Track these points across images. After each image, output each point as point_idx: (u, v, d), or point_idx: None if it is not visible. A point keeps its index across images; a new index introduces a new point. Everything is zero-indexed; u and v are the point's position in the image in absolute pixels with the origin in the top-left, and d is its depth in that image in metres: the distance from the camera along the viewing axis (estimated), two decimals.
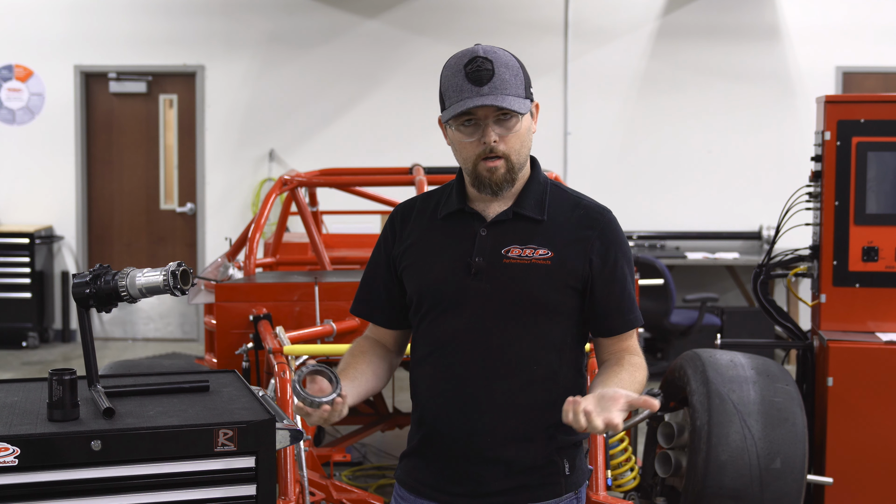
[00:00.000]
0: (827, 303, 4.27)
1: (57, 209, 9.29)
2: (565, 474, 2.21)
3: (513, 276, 2.15)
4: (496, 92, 2.08)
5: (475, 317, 2.15)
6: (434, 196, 2.30)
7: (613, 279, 2.19)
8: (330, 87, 9.18)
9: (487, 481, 2.18)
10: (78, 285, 2.28)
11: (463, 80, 2.10)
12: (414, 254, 2.25)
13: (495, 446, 2.17)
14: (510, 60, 2.13)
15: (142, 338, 9.43)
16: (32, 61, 9.21)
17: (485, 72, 2.09)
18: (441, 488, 2.22)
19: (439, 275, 2.20)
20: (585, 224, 2.20)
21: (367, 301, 2.36)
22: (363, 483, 5.21)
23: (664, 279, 7.20)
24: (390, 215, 2.35)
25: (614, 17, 9.10)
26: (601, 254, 2.18)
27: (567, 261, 2.16)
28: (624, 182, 9.09)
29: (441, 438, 2.21)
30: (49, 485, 2.02)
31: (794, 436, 3.61)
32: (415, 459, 2.27)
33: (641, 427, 4.38)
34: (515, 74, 2.12)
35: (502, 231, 2.19)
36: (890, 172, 4.23)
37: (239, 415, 2.17)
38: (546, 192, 2.23)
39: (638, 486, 3.94)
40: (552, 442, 2.19)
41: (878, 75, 9.07)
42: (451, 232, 2.22)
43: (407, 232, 2.27)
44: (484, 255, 2.17)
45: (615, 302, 2.19)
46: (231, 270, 5.01)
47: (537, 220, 2.19)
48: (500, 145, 2.13)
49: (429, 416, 2.23)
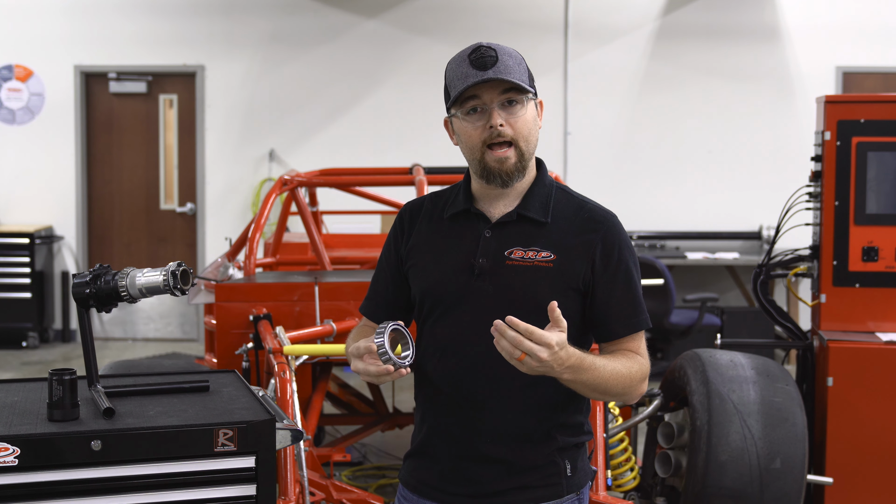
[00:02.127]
0: (827, 303, 4.27)
1: (57, 209, 9.29)
2: (567, 475, 2.21)
3: (515, 277, 2.15)
4: (501, 74, 2.11)
5: (477, 317, 2.15)
6: (442, 196, 2.31)
7: (615, 283, 2.19)
8: (330, 87, 9.18)
9: (488, 481, 2.18)
10: (78, 285, 2.28)
11: (468, 67, 2.13)
12: (419, 253, 2.26)
13: (495, 446, 2.17)
14: (514, 52, 2.17)
15: (142, 338, 9.43)
16: (32, 61, 9.21)
17: (489, 58, 2.12)
18: (442, 488, 2.22)
19: (443, 275, 2.21)
20: (589, 227, 2.20)
21: (373, 300, 2.36)
22: (363, 483, 5.21)
23: (664, 279, 7.20)
24: (399, 213, 2.36)
25: (614, 17, 9.09)
26: (604, 257, 2.18)
27: (569, 264, 2.16)
28: (624, 182, 9.09)
29: (442, 438, 2.22)
30: (49, 485, 2.02)
31: (794, 436, 3.61)
32: (417, 459, 2.28)
33: (641, 427, 4.38)
34: (519, 63, 2.16)
35: (506, 233, 2.19)
36: (890, 172, 4.23)
37: (239, 415, 2.17)
38: (551, 195, 2.24)
39: (638, 486, 3.94)
40: (553, 443, 2.19)
41: (878, 75, 9.07)
42: (456, 232, 2.23)
43: (414, 231, 2.29)
44: (487, 257, 2.18)
45: (617, 306, 2.19)
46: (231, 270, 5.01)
47: (541, 223, 2.19)
48: (507, 129, 2.13)
49: (430, 415, 2.24)
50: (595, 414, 3.54)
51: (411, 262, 2.26)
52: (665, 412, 4.00)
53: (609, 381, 2.10)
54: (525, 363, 1.95)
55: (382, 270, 2.35)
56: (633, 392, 2.18)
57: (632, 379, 2.15)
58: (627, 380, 2.14)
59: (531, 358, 1.94)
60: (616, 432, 3.83)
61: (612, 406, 3.84)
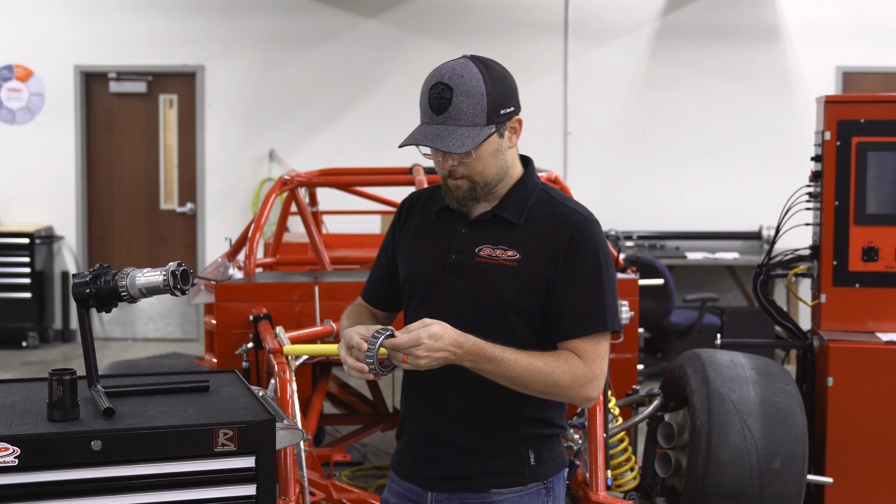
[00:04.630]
0: (827, 303, 4.27)
1: (57, 209, 9.29)
2: (530, 464, 2.28)
3: (482, 274, 2.25)
4: (449, 122, 2.17)
5: (447, 309, 2.24)
6: (439, 190, 2.39)
7: (573, 282, 2.21)
8: (330, 87, 9.18)
9: (453, 466, 2.29)
10: (78, 285, 2.28)
11: (426, 103, 2.20)
12: (408, 242, 2.39)
13: (457, 433, 2.28)
14: (474, 87, 2.17)
15: (142, 338, 9.43)
16: (32, 61, 9.21)
17: (443, 100, 2.17)
18: (417, 471, 2.35)
19: (421, 266, 2.33)
20: (560, 229, 2.24)
21: (370, 283, 2.51)
22: (363, 483, 5.21)
23: (664, 279, 7.19)
24: (401, 203, 2.48)
25: (614, 17, 9.09)
26: (567, 257, 2.22)
27: (533, 263, 2.22)
28: (624, 182, 9.09)
29: (414, 422, 2.36)
30: (49, 485, 2.02)
31: (794, 436, 3.61)
32: (399, 443, 2.43)
33: (641, 427, 4.38)
34: (475, 103, 2.17)
35: (480, 231, 2.29)
36: (890, 172, 4.23)
37: (239, 415, 2.17)
38: (531, 197, 2.29)
39: (638, 486, 3.94)
40: (516, 432, 2.27)
41: (878, 75, 9.07)
42: (439, 227, 2.35)
43: (410, 221, 2.41)
44: (460, 252, 2.28)
45: (571, 305, 2.21)
46: (231, 270, 5.01)
47: (514, 224, 2.27)
48: (458, 169, 2.23)
49: (406, 401, 2.39)
50: (595, 414, 3.54)
51: (400, 251, 2.40)
52: (665, 412, 4.00)
53: (523, 376, 2.14)
54: (409, 363, 2.07)
55: (381, 256, 2.47)
56: (566, 394, 2.19)
57: (556, 378, 2.16)
58: (550, 378, 2.16)
59: (412, 357, 2.06)
60: (616, 432, 3.83)
61: (612, 406, 3.84)
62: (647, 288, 7.10)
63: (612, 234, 8.77)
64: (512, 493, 2.27)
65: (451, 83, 2.16)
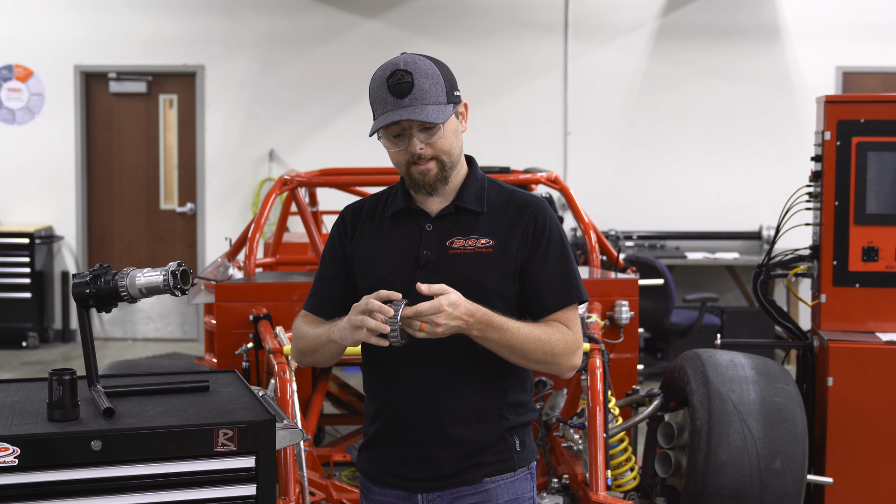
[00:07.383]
0: (827, 303, 4.27)
1: (57, 209, 9.29)
2: (517, 450, 2.37)
3: (458, 265, 2.30)
4: (416, 103, 2.22)
5: None
6: (382, 196, 2.44)
7: (546, 260, 2.32)
8: (330, 86, 9.18)
9: (446, 463, 2.31)
10: (78, 285, 2.28)
11: (386, 93, 2.24)
12: (365, 251, 2.38)
13: (456, 429, 2.30)
14: (430, 70, 2.25)
15: (142, 338, 9.43)
16: (32, 61, 9.21)
17: (405, 84, 2.22)
18: (402, 475, 2.35)
19: (388, 269, 2.33)
20: (521, 212, 2.35)
21: (318, 296, 2.46)
22: None
23: (664, 279, 7.19)
24: (340, 215, 2.48)
25: (614, 17, 9.09)
26: (535, 237, 2.33)
27: (507, 248, 2.32)
28: (624, 182, 9.09)
29: (401, 426, 2.34)
30: (49, 485, 2.02)
31: (794, 436, 3.61)
32: (375, 449, 2.40)
33: (641, 427, 4.38)
34: (435, 83, 2.24)
35: (446, 225, 2.34)
36: (890, 172, 4.23)
37: (239, 415, 2.17)
38: (484, 187, 2.39)
39: (638, 486, 3.94)
40: (504, 422, 2.35)
41: (878, 75, 9.07)
42: (399, 229, 2.37)
43: (358, 231, 2.41)
44: (431, 249, 2.31)
45: (547, 281, 2.32)
46: (231, 270, 5.01)
47: (477, 213, 2.35)
48: (426, 150, 2.27)
49: (388, 405, 2.36)
50: (595, 414, 3.54)
51: (358, 260, 2.39)
52: (665, 412, 4.00)
53: (525, 344, 2.23)
54: (427, 331, 2.11)
55: (327, 269, 2.45)
56: (558, 362, 2.29)
57: (552, 346, 2.27)
58: (547, 346, 2.26)
59: (430, 325, 2.11)
60: (616, 432, 3.83)
61: (612, 406, 3.83)
62: (647, 288, 7.09)
63: (612, 234, 8.77)
64: (504, 479, 2.35)
65: (408, 69, 2.23)
